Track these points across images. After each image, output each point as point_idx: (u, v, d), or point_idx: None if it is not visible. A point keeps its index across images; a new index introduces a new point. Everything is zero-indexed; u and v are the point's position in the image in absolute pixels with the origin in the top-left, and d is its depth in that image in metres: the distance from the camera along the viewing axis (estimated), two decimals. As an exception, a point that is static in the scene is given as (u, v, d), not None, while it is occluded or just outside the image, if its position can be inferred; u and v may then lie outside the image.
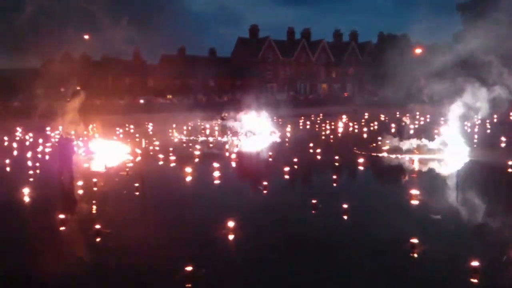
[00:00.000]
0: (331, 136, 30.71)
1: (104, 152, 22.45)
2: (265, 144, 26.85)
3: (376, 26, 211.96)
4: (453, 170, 17.79)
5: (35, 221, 11.64)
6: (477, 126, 32.55)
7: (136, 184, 14.35)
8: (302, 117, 44.85)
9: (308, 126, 39.55)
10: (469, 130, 30.51)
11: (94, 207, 12.75)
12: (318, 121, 42.72)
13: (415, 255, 8.64)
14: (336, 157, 19.09)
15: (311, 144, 23.58)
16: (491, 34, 23.22)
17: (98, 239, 9.87)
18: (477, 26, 26.68)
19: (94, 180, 15.11)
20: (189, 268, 7.70)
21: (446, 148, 21.00)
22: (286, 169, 16.73)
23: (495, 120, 32.47)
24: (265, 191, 14.04)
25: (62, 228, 10.76)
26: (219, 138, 29.79)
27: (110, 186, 15.50)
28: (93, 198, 13.49)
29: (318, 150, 21.67)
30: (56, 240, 10.21)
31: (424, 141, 23.09)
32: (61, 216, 10.98)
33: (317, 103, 65.86)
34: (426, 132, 26.58)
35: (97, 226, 10.13)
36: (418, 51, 52.82)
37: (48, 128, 31.28)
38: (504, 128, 26.70)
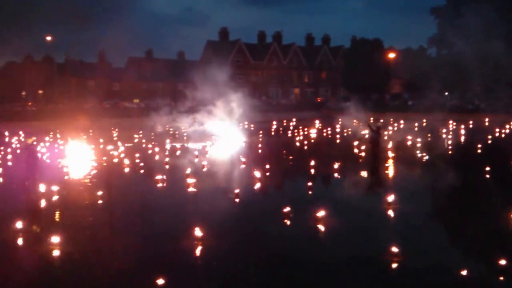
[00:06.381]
0: (305, 142, 29.86)
1: (68, 158, 21.33)
2: (235, 150, 25.70)
3: (349, 30, 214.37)
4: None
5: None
6: (451, 132, 32.38)
7: (100, 193, 13.63)
8: (274, 122, 44.01)
9: (280, 132, 38.71)
10: (443, 135, 30.31)
11: (56, 215, 12.03)
12: (291, 127, 41.81)
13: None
14: (311, 163, 18.27)
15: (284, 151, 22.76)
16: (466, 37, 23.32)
17: (58, 250, 9.20)
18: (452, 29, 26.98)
19: (56, 188, 14.15)
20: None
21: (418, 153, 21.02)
22: (258, 175, 15.99)
23: (470, 125, 32.33)
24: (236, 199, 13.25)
25: (20, 239, 10.02)
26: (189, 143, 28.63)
27: (73, 194, 14.47)
28: (55, 207, 12.76)
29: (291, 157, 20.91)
30: (15, 250, 9.55)
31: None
32: (20, 225, 10.27)
33: (289, 108, 64.70)
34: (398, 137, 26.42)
35: (57, 237, 9.39)
36: (391, 55, 52.88)
37: (6, 133, 29.69)
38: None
